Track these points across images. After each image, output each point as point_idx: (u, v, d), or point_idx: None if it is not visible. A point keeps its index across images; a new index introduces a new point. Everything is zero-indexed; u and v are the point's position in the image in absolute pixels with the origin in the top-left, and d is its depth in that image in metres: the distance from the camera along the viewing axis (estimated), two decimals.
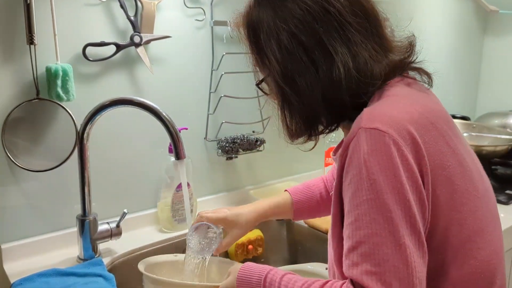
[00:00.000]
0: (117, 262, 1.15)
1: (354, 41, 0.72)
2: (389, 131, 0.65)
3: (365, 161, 0.64)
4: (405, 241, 0.62)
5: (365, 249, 0.63)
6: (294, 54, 0.73)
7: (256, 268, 0.81)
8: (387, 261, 0.61)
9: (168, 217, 1.28)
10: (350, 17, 0.72)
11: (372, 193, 0.63)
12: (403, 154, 0.64)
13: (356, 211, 0.65)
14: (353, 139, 0.67)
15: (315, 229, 1.34)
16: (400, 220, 0.63)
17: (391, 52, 0.76)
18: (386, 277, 0.61)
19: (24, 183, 1.12)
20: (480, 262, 0.71)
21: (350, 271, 0.64)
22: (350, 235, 0.65)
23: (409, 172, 0.64)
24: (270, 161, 1.59)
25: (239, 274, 0.82)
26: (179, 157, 1.03)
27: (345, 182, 0.68)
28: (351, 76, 0.71)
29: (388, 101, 0.71)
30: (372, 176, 0.63)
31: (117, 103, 1.04)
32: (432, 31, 2.15)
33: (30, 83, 1.08)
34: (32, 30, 1.03)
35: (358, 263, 0.63)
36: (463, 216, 0.70)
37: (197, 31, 1.35)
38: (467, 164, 0.73)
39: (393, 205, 0.63)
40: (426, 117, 0.70)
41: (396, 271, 0.61)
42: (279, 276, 0.76)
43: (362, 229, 0.63)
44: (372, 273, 0.61)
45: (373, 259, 0.62)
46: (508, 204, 1.50)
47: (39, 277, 0.99)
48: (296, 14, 0.72)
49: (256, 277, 0.79)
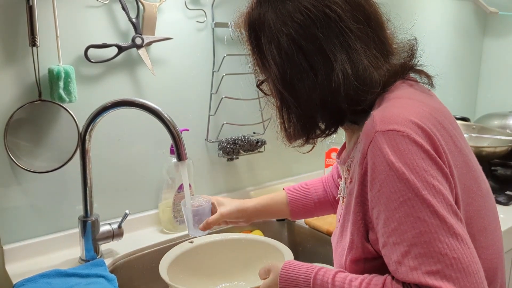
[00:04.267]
0: (119, 263, 1.15)
1: (354, 48, 0.71)
2: (406, 130, 0.64)
3: (392, 163, 0.63)
4: (456, 229, 0.61)
5: (419, 250, 0.61)
6: (293, 59, 0.72)
7: (301, 266, 0.76)
8: (445, 255, 0.60)
9: (170, 218, 1.29)
10: (351, 22, 0.71)
11: (408, 192, 0.62)
12: (426, 149, 0.64)
13: (396, 215, 0.63)
14: (370, 144, 0.66)
15: (316, 230, 1.35)
16: (444, 211, 0.61)
17: (392, 57, 0.76)
18: (449, 271, 0.59)
19: (26, 184, 1.12)
20: (483, 261, 0.71)
21: (411, 276, 0.61)
22: (398, 241, 0.63)
23: (437, 164, 0.64)
24: (271, 162, 1.60)
25: (282, 272, 0.77)
26: (181, 158, 1.03)
27: (372, 190, 0.67)
28: (350, 83, 0.71)
29: (397, 103, 0.71)
30: (404, 176, 0.62)
31: (119, 105, 1.05)
32: (432, 32, 2.16)
33: (32, 84, 1.08)
34: (34, 32, 1.04)
35: (417, 266, 0.61)
36: (470, 215, 0.70)
37: (198, 32, 1.35)
38: (472, 164, 0.74)
39: (432, 198, 0.62)
40: (434, 117, 0.70)
41: (456, 262, 0.59)
42: (331, 276, 0.72)
43: (409, 231, 0.62)
44: (433, 272, 0.60)
45: (430, 258, 0.60)
46: (508, 205, 1.51)
47: (41, 278, 1.00)
48: (297, 19, 0.71)
49: (303, 276, 0.75)
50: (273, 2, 0.74)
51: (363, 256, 0.72)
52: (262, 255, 1.10)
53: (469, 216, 0.70)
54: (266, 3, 0.75)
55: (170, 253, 1.05)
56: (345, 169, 0.84)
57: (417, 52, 0.79)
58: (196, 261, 1.10)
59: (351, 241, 0.73)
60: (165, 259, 1.02)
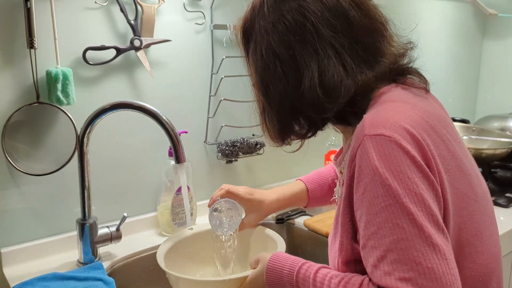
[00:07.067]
0: (117, 266, 1.15)
1: (326, 56, 0.72)
2: (394, 135, 0.64)
3: (376, 168, 0.63)
4: (433, 239, 0.61)
5: (395, 256, 0.61)
6: (270, 65, 0.76)
7: (287, 259, 0.80)
8: (419, 264, 0.60)
9: (168, 221, 1.28)
10: (326, 30, 0.72)
11: (389, 198, 0.62)
12: (412, 156, 0.64)
13: (376, 220, 0.64)
14: (358, 147, 0.67)
15: (315, 233, 1.34)
16: (423, 220, 0.62)
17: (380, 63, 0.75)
18: (421, 280, 0.59)
19: (24, 187, 1.12)
20: (479, 265, 0.71)
21: (384, 281, 0.62)
22: (376, 245, 0.64)
23: (422, 172, 0.64)
24: (270, 164, 1.59)
25: (269, 263, 0.81)
26: (179, 160, 1.03)
27: (357, 192, 0.67)
28: (315, 91, 0.72)
29: (389, 106, 0.71)
30: (386, 182, 0.63)
31: (117, 107, 1.04)
32: (431, 34, 2.16)
33: (30, 87, 1.08)
34: (32, 34, 1.04)
35: (390, 272, 0.61)
36: (463, 220, 0.70)
37: (197, 34, 1.35)
38: (466, 168, 0.74)
39: (413, 206, 0.62)
40: (426, 121, 0.70)
41: (430, 272, 0.60)
42: (313, 271, 0.74)
43: (387, 236, 0.62)
44: (406, 279, 0.60)
45: (404, 265, 0.61)
46: (508, 207, 1.50)
47: (39, 281, 0.99)
48: (276, 28, 0.74)
49: (288, 269, 0.78)
50: (261, 11, 0.77)
51: (353, 257, 0.73)
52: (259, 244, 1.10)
53: (462, 221, 0.70)
54: (257, 10, 0.78)
55: (168, 240, 1.06)
56: (339, 171, 0.85)
57: (413, 56, 0.79)
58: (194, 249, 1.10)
59: (340, 243, 0.74)
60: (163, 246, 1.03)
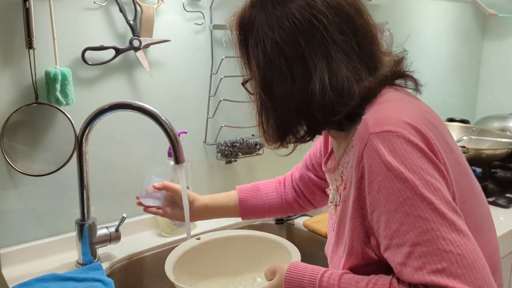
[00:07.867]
0: (116, 266, 1.14)
1: (336, 59, 0.71)
2: (400, 130, 0.65)
3: (389, 163, 0.63)
4: (457, 225, 0.61)
5: (422, 249, 0.60)
6: (275, 63, 0.73)
7: (306, 268, 0.76)
8: (450, 252, 0.59)
9: (167, 222, 1.28)
10: (335, 33, 0.71)
11: (407, 191, 0.62)
12: (421, 148, 0.64)
13: (396, 216, 0.63)
14: (365, 147, 0.66)
15: (315, 233, 1.34)
16: (444, 208, 0.61)
17: (380, 69, 0.75)
18: (454, 268, 0.58)
19: (22, 187, 1.12)
20: None
21: (416, 277, 0.60)
22: (401, 242, 0.62)
23: (433, 163, 0.64)
24: (270, 165, 1.59)
25: (287, 274, 0.77)
26: (178, 161, 1.03)
27: (371, 192, 0.66)
28: (326, 93, 0.71)
29: (388, 106, 0.71)
30: (402, 175, 0.62)
31: (116, 107, 1.04)
32: (431, 34, 2.15)
33: (29, 87, 1.08)
34: (31, 34, 1.03)
35: (421, 266, 0.60)
36: (466, 214, 0.69)
37: (197, 35, 1.35)
38: (464, 163, 0.75)
39: (432, 196, 0.61)
40: (425, 117, 0.70)
41: (462, 259, 0.59)
42: (337, 278, 0.71)
43: (411, 231, 0.61)
44: (439, 270, 0.59)
45: (435, 256, 0.59)
46: (508, 207, 1.50)
47: (38, 282, 0.99)
48: (283, 25, 0.72)
49: (308, 278, 0.74)
50: (264, 7, 0.75)
51: (362, 262, 0.72)
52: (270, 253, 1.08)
53: (465, 215, 0.69)
54: (258, 6, 0.76)
55: (176, 251, 1.03)
56: (337, 177, 0.84)
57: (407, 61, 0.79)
58: (203, 259, 1.08)
59: (350, 248, 0.72)
60: (171, 257, 1.00)
